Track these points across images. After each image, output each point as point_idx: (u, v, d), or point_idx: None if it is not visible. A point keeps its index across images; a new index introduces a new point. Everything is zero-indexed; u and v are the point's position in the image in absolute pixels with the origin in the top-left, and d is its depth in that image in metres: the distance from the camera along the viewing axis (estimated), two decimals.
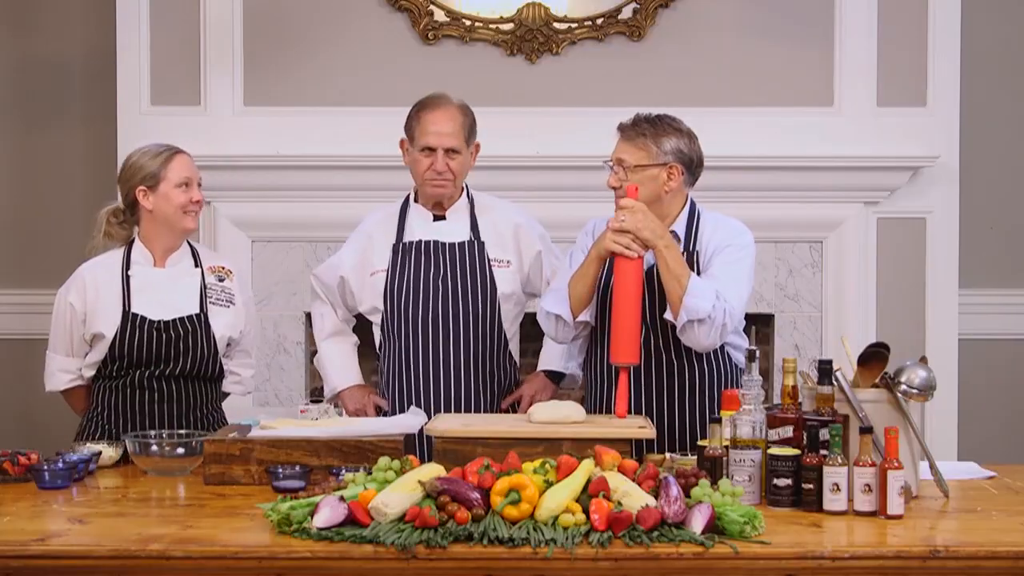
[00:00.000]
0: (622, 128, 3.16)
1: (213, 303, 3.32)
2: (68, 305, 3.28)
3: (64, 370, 3.33)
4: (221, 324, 3.32)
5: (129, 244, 3.33)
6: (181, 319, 3.26)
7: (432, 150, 3.36)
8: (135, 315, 3.23)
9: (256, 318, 3.57)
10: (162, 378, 3.26)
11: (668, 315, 3.08)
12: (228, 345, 3.35)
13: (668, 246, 3.04)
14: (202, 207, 3.32)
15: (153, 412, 3.26)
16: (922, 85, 4.53)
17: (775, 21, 4.54)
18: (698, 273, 3.11)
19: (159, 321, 3.24)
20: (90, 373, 3.31)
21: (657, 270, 3.08)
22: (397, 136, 3.50)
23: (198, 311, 3.29)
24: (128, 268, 3.29)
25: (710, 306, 3.00)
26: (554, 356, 3.57)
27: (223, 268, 3.39)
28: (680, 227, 3.19)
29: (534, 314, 3.63)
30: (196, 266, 3.35)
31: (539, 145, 4.47)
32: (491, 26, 4.54)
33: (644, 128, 3.13)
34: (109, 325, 3.23)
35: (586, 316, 3.18)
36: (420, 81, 4.21)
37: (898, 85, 4.54)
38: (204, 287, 3.33)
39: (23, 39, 4.80)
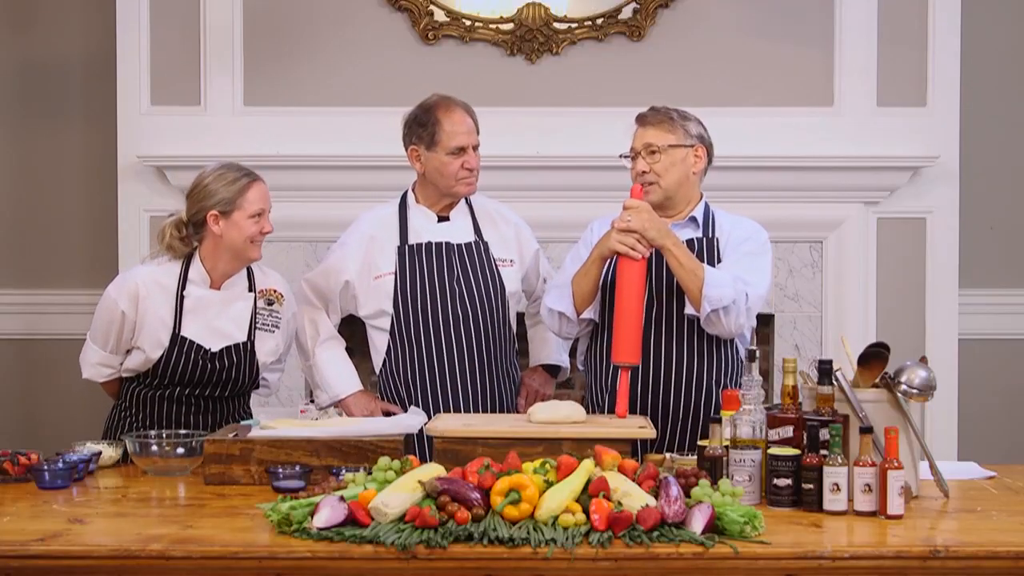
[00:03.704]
0: (643, 116, 3.22)
1: (260, 328, 3.29)
2: (120, 312, 3.22)
3: (104, 364, 3.31)
4: (264, 351, 3.30)
5: (187, 259, 3.27)
6: (228, 349, 3.24)
7: (463, 150, 3.38)
8: (184, 339, 3.20)
9: (294, 330, 3.49)
10: (200, 396, 3.27)
11: (689, 310, 3.09)
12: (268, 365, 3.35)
13: (676, 244, 3.05)
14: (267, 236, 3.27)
15: (183, 423, 3.25)
16: (922, 85, 4.53)
17: (775, 21, 4.54)
18: (718, 259, 3.13)
19: (207, 350, 3.21)
20: (128, 374, 3.29)
21: (667, 267, 3.09)
22: (397, 136, 3.49)
23: (245, 339, 3.26)
24: (183, 287, 3.24)
25: (732, 291, 3.02)
26: (550, 349, 3.59)
27: (274, 291, 3.35)
28: (699, 213, 3.23)
29: (521, 313, 3.66)
30: (250, 290, 3.31)
31: (539, 145, 4.47)
32: (491, 26, 4.54)
33: (669, 112, 3.21)
34: (155, 345, 3.20)
35: (590, 314, 3.20)
36: (420, 81, 4.21)
37: (898, 85, 4.53)
38: (255, 312, 3.30)
39: (23, 40, 4.80)
